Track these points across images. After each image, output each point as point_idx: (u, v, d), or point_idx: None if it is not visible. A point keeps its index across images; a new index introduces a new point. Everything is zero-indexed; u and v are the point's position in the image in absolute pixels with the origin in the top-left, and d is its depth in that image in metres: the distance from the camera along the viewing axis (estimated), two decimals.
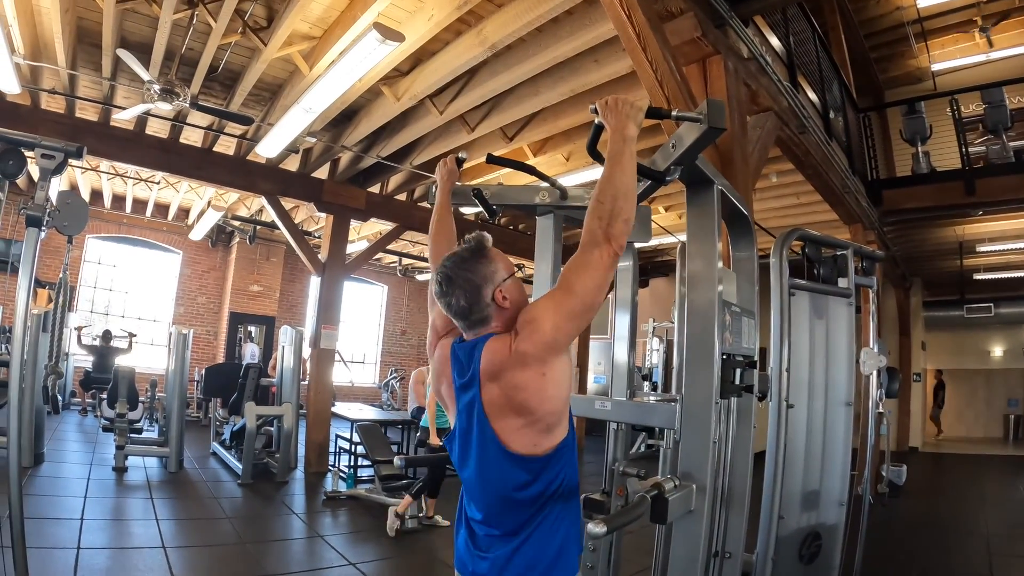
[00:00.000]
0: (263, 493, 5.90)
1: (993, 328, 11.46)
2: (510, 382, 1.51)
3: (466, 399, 1.60)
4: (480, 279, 1.57)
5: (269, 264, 12.07)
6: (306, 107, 4.79)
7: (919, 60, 8.87)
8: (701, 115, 1.70)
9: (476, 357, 1.56)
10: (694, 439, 2.03)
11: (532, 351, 1.49)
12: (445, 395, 1.72)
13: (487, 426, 1.55)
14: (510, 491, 1.56)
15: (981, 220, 7.56)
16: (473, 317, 1.58)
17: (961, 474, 8.36)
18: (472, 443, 1.61)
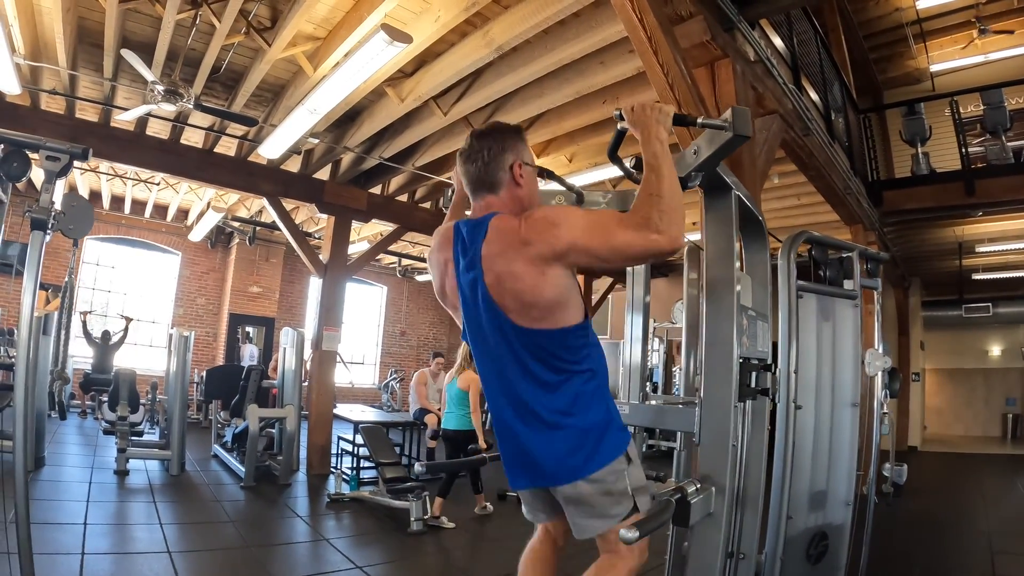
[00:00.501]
0: (266, 496, 5.87)
1: (991, 328, 11.54)
2: (509, 267, 1.55)
3: (470, 277, 1.63)
4: (507, 145, 1.68)
5: (268, 265, 12.04)
6: (311, 108, 4.78)
7: (918, 61, 8.92)
8: (726, 123, 1.70)
9: (482, 231, 1.60)
10: (713, 442, 2.04)
11: (539, 247, 1.52)
12: (450, 289, 1.75)
13: (491, 302, 1.59)
14: (526, 363, 1.60)
15: (981, 220, 7.61)
16: (488, 176, 1.66)
17: (961, 473, 8.40)
18: (481, 320, 1.64)
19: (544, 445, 1.61)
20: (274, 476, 6.47)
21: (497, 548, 4.86)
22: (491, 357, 1.67)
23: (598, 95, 5.51)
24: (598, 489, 1.62)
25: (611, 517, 1.65)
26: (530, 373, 1.60)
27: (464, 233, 1.67)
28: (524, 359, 1.60)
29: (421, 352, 15.32)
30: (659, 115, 1.66)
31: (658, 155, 1.58)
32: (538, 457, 1.62)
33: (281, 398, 7.08)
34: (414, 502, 5.03)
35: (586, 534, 1.70)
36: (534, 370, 1.60)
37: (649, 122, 1.65)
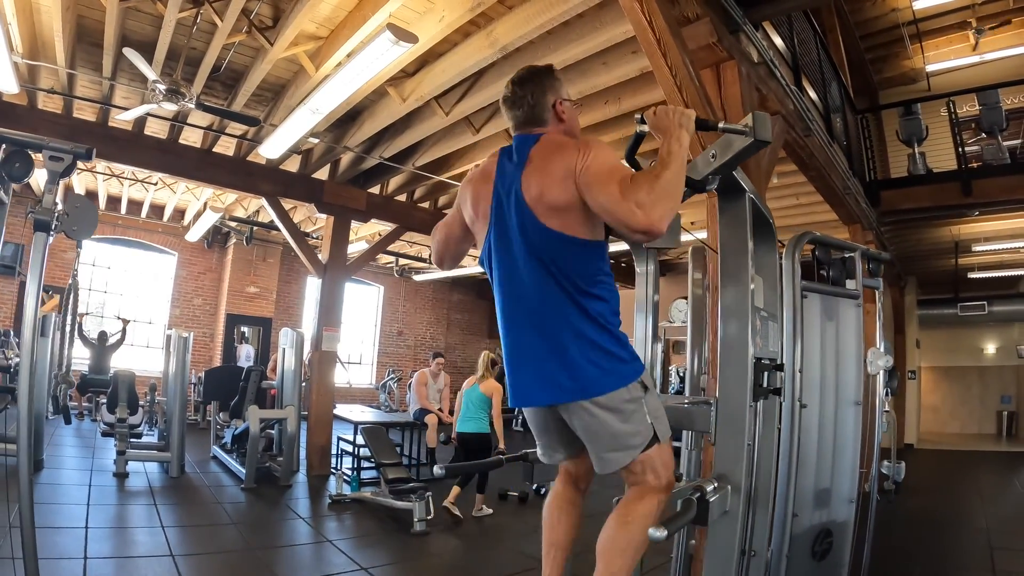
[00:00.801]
0: (267, 497, 5.85)
1: (986, 326, 11.64)
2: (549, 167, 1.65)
3: (507, 181, 1.74)
4: (547, 85, 1.82)
5: (266, 265, 11.99)
6: (313, 108, 4.76)
7: (914, 61, 8.97)
8: (747, 128, 1.71)
9: (531, 140, 1.74)
10: (729, 441, 2.05)
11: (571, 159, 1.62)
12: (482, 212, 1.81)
13: (523, 203, 1.67)
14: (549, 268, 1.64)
15: (977, 220, 7.67)
16: (534, 112, 1.79)
17: (958, 470, 8.45)
18: (510, 229, 1.71)
19: (560, 356, 1.64)
20: (274, 477, 6.44)
21: (501, 548, 4.87)
22: (515, 270, 1.71)
23: (600, 95, 5.52)
24: (617, 418, 1.64)
25: (633, 448, 1.68)
26: (552, 283, 1.65)
27: (514, 147, 1.78)
28: (548, 268, 1.65)
29: (418, 352, 15.29)
30: (681, 119, 1.69)
31: (672, 153, 1.62)
32: (554, 369, 1.64)
33: (280, 399, 7.06)
34: (417, 503, 5.03)
35: (609, 467, 1.72)
36: (557, 280, 1.65)
37: (671, 126, 1.67)
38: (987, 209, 6.75)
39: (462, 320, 16.35)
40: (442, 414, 7.63)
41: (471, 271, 13.10)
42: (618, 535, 1.72)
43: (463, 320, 16.37)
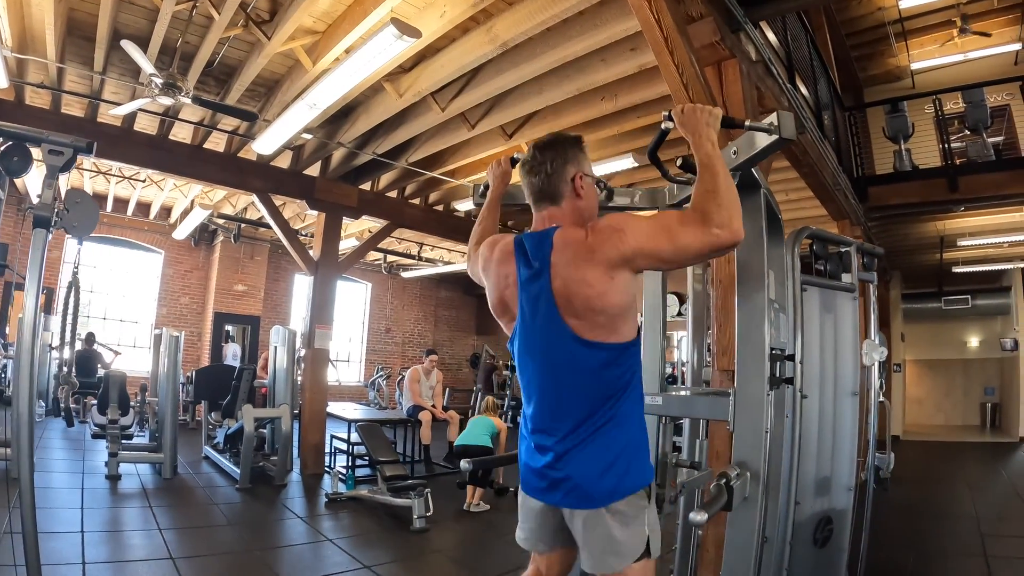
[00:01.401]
0: (263, 497, 5.80)
1: (970, 319, 11.82)
2: (578, 275, 1.57)
3: (533, 290, 1.65)
4: (568, 157, 1.71)
5: (253, 263, 11.85)
6: (310, 103, 4.72)
7: (899, 59, 9.11)
8: (773, 126, 1.77)
9: (547, 244, 1.64)
10: (748, 429, 2.11)
11: (608, 253, 1.55)
12: (509, 298, 1.74)
13: (556, 314, 1.60)
14: (582, 379, 1.60)
15: (962, 215, 7.80)
16: (550, 187, 1.70)
17: (945, 461, 8.59)
18: (539, 335, 1.65)
19: (583, 461, 1.60)
20: (269, 477, 6.39)
21: (503, 543, 4.87)
22: (541, 370, 1.67)
23: (597, 92, 5.53)
24: (619, 522, 1.59)
25: (626, 556, 1.61)
26: (582, 388, 1.60)
27: (528, 246, 1.69)
28: (579, 373, 1.60)
29: (407, 349, 15.25)
30: (709, 117, 1.70)
31: (711, 155, 1.62)
32: (574, 472, 1.60)
33: (272, 397, 6.99)
34: (416, 500, 5.03)
35: (598, 569, 1.65)
36: (586, 385, 1.60)
37: (700, 124, 1.69)
38: (973, 205, 6.88)
39: (450, 317, 16.33)
40: (435, 410, 7.63)
41: (458, 268, 13.13)
42: None
43: (451, 317, 16.35)
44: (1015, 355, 10.69)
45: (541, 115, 6.16)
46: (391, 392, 13.47)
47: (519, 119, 6.30)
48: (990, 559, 4.30)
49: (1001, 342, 11.00)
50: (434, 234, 9.61)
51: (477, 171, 7.66)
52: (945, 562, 4.31)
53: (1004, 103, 7.58)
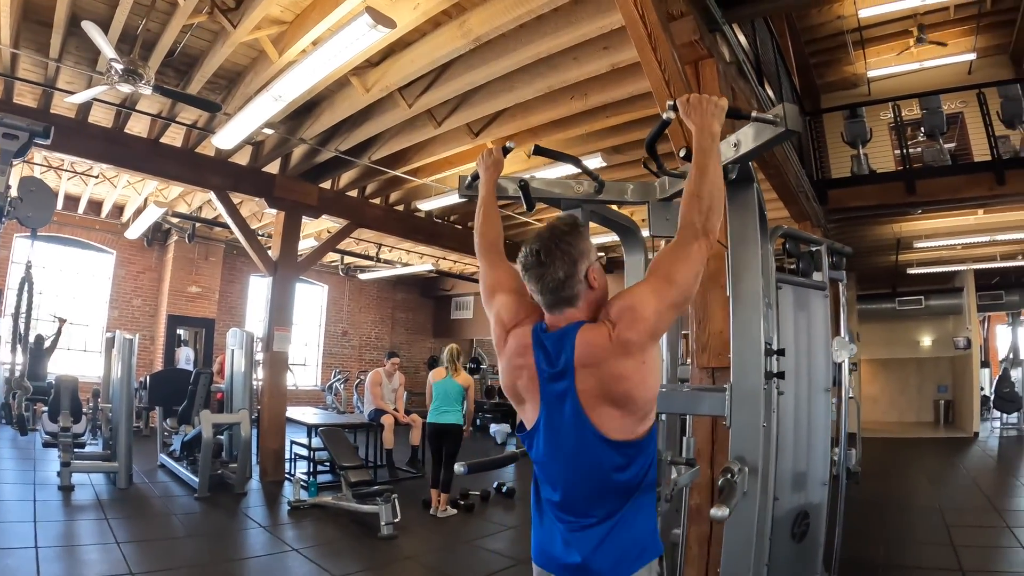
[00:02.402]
0: (223, 507, 5.57)
1: (923, 319, 12.21)
2: (611, 371, 1.50)
3: (557, 389, 1.57)
4: (577, 253, 1.58)
5: (208, 264, 11.44)
6: (276, 95, 4.54)
7: (856, 67, 9.37)
8: (779, 118, 1.74)
9: (568, 346, 1.55)
10: (745, 424, 2.08)
11: (636, 339, 1.49)
12: (523, 388, 1.66)
13: (583, 415, 1.53)
14: (606, 476, 1.55)
15: (919, 218, 8.04)
16: (565, 292, 1.57)
17: (903, 456, 8.86)
18: (563, 434, 1.58)
19: (602, 552, 1.56)
20: (228, 485, 6.15)
21: (471, 548, 4.80)
22: (567, 467, 1.61)
23: (567, 91, 5.49)
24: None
25: None
26: (607, 485, 1.56)
27: (548, 345, 1.60)
28: (604, 471, 1.56)
29: (363, 352, 15.00)
30: (715, 108, 1.68)
31: (708, 151, 1.61)
32: (592, 562, 1.56)
33: (230, 402, 6.72)
34: (383, 506, 4.90)
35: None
36: (611, 481, 1.56)
37: (705, 115, 1.66)
38: (930, 208, 7.09)
39: (406, 319, 16.13)
40: (398, 414, 7.49)
41: (416, 269, 13.00)
42: None
43: (407, 319, 16.15)
44: (968, 354, 11.15)
45: (509, 113, 6.10)
46: (349, 396, 13.31)
47: (486, 117, 6.23)
48: (957, 548, 4.43)
49: (954, 341, 11.44)
50: (395, 234, 9.43)
51: (441, 170, 7.56)
52: (915, 552, 4.42)
53: (958, 111, 7.86)
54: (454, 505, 5.75)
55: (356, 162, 6.97)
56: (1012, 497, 6.22)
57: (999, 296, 11.76)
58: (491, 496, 6.25)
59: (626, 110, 5.66)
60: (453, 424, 5.68)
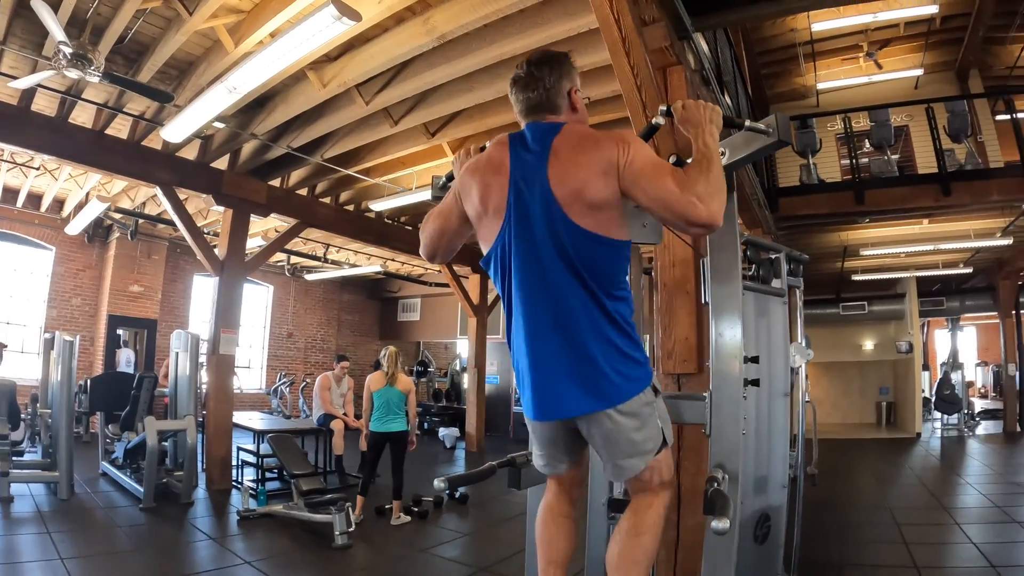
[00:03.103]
0: (170, 517, 5.30)
1: (866, 324, 12.70)
2: (576, 159, 1.57)
3: (528, 174, 1.62)
4: (563, 72, 1.71)
5: (150, 262, 10.91)
6: (231, 86, 4.34)
7: (806, 78, 9.64)
8: (771, 128, 1.80)
9: (554, 131, 1.63)
10: (726, 432, 2.10)
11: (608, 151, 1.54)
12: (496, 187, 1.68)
13: (551, 199, 1.57)
14: (578, 268, 1.56)
15: (865, 227, 8.33)
16: (548, 96, 1.68)
17: (849, 457, 9.10)
18: (537, 235, 1.59)
19: (590, 364, 1.56)
20: (174, 495, 5.86)
21: (429, 556, 4.71)
22: (539, 272, 1.60)
23: None
24: (634, 424, 1.60)
25: (648, 453, 1.65)
26: (580, 287, 1.57)
27: (528, 135, 1.67)
28: (577, 270, 1.56)
29: (309, 355, 14.64)
30: (712, 115, 1.70)
31: (710, 148, 1.63)
32: (584, 378, 1.57)
33: (174, 407, 6.41)
34: (337, 515, 4.74)
35: (625, 475, 1.68)
36: (585, 283, 1.57)
37: (702, 120, 1.68)
38: (878, 217, 7.35)
39: (352, 321, 15.82)
40: (347, 419, 7.32)
41: (364, 270, 12.77)
42: (632, 547, 1.68)
43: (353, 321, 15.84)
44: (910, 357, 11.61)
45: (467, 114, 6.03)
46: (294, 400, 13.05)
47: (443, 117, 6.15)
48: (910, 545, 4.58)
49: (896, 345, 11.95)
50: (344, 234, 9.20)
51: (395, 170, 7.44)
52: (869, 550, 4.51)
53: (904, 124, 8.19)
54: (406, 511, 5.64)
55: (308, 160, 6.77)
56: (957, 495, 6.47)
57: (940, 302, 12.34)
58: (444, 502, 6.14)
59: None
60: (399, 432, 5.55)
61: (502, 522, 5.68)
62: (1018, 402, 11.29)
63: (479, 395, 10.60)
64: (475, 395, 10.58)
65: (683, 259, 3.54)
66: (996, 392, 16.31)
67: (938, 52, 9.14)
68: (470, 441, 10.45)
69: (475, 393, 10.58)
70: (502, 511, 6.05)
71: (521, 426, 11.58)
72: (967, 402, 11.79)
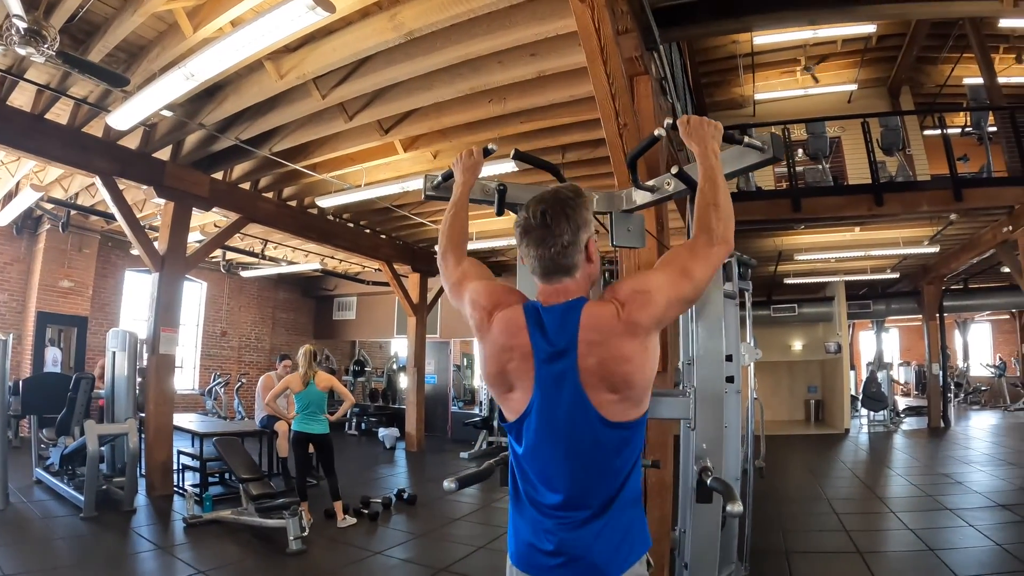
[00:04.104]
0: (112, 526, 5.04)
1: (795, 325, 13.23)
2: (614, 352, 1.47)
3: (555, 369, 1.51)
4: (582, 221, 1.54)
5: (82, 256, 10.23)
6: (188, 73, 4.14)
7: (744, 89, 10.04)
8: (766, 145, 1.88)
9: (573, 321, 1.51)
10: (709, 427, 2.18)
11: (645, 322, 1.48)
12: (513, 371, 1.58)
13: (582, 394, 1.49)
14: (604, 461, 1.53)
15: (800, 233, 8.76)
16: (566, 260, 1.53)
17: (784, 452, 9.45)
18: (560, 417, 1.52)
19: (601, 540, 1.53)
20: (114, 502, 5.57)
21: (383, 557, 4.67)
22: (566, 453, 1.55)
23: (486, 94, 5.48)
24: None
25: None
26: (605, 470, 1.54)
27: (547, 321, 1.55)
28: (602, 455, 1.53)
29: (243, 353, 14.16)
30: (714, 131, 1.75)
31: (715, 167, 1.67)
32: (591, 551, 1.52)
33: (111, 410, 6.09)
34: (290, 519, 4.64)
35: None
36: (609, 466, 1.53)
37: (706, 136, 1.73)
38: (813, 224, 7.75)
39: (287, 319, 15.39)
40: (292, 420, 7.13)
41: (301, 268, 12.51)
42: None
43: (288, 319, 15.42)
44: (838, 357, 12.18)
45: (423, 112, 6.00)
46: (229, 400, 12.63)
47: (398, 115, 6.09)
48: (850, 532, 4.86)
49: (825, 346, 12.55)
50: (286, 231, 8.93)
51: (343, 166, 7.32)
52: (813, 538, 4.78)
53: (836, 135, 8.67)
54: (356, 514, 5.56)
55: (256, 153, 6.57)
56: (889, 485, 6.89)
57: (867, 305, 12.97)
58: (393, 503, 6.07)
59: (540, 118, 5.74)
60: (321, 434, 5.45)
61: (452, 522, 5.68)
62: (941, 399, 11.98)
63: (419, 395, 10.50)
64: (415, 395, 10.47)
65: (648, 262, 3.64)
66: (918, 390, 17.41)
67: (872, 69, 9.73)
68: (410, 441, 10.32)
69: (415, 393, 10.48)
70: (451, 511, 6.05)
71: (460, 426, 11.68)
72: (892, 399, 12.42)
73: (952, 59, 9.28)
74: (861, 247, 9.57)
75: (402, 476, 8.13)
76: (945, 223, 7.72)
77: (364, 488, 5.95)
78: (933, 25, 8.24)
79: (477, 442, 9.86)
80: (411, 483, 7.45)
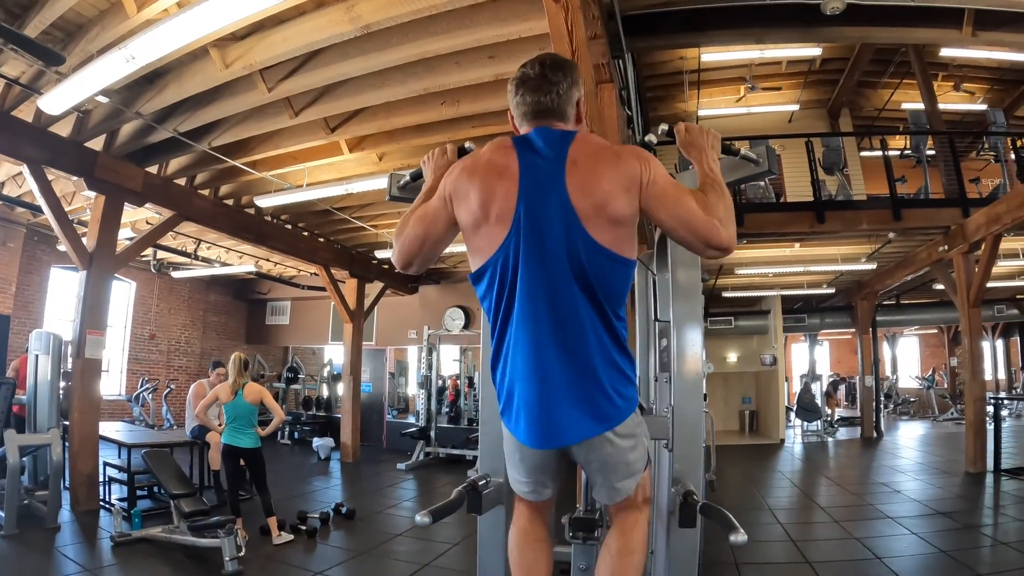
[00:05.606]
0: (36, 546, 4.65)
1: (731, 337, 13.55)
2: (597, 171, 1.50)
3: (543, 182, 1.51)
4: (574, 79, 1.63)
5: (5, 250, 9.45)
6: (130, 55, 3.86)
7: (688, 104, 10.26)
8: (761, 159, 1.92)
9: (568, 139, 1.55)
10: (687, 447, 2.14)
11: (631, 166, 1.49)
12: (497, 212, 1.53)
13: (570, 209, 1.48)
14: (597, 291, 1.50)
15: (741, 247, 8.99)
16: (559, 108, 1.60)
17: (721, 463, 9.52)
18: (549, 246, 1.49)
19: (595, 386, 1.50)
20: (37, 518, 5.16)
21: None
22: (548, 288, 1.50)
23: (438, 96, 5.39)
24: (629, 444, 1.58)
25: (639, 472, 1.65)
26: (590, 305, 1.50)
27: (538, 141, 1.57)
28: (590, 288, 1.50)
29: (172, 358, 13.50)
30: (713, 140, 1.75)
31: (718, 174, 1.66)
32: (588, 401, 1.50)
33: (32, 418, 5.61)
34: (225, 539, 4.35)
35: (619, 497, 1.65)
36: (596, 302, 1.51)
37: (705, 146, 1.73)
38: (755, 239, 7.95)
39: (218, 323, 14.79)
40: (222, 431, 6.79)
41: (236, 270, 12.02)
42: (624, 567, 1.66)
43: (219, 323, 14.82)
44: (774, 369, 12.51)
45: (372, 112, 5.86)
46: (157, 407, 12.08)
47: (346, 113, 5.93)
48: (797, 543, 4.96)
49: (761, 358, 12.89)
50: (221, 230, 8.48)
51: (284, 165, 7.08)
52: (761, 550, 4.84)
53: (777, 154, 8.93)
54: (293, 530, 5.32)
55: (194, 146, 6.25)
56: (829, 495, 7.09)
57: (802, 319, 13.38)
58: (331, 518, 5.82)
59: (494, 122, 5.65)
60: (251, 448, 5.18)
61: (394, 537, 5.45)
62: (874, 410, 12.48)
63: (355, 403, 10.20)
64: (350, 403, 10.16)
65: None
66: (848, 401, 18.21)
67: (814, 90, 10.14)
68: (345, 451, 10.01)
69: (350, 401, 10.17)
70: (391, 526, 5.84)
71: (395, 436, 11.43)
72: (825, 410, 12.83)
73: (892, 84, 9.74)
74: (801, 263, 9.87)
75: (338, 489, 7.85)
76: (883, 241, 8.06)
77: (299, 502, 5.66)
78: (877, 51, 8.63)
79: (415, 453, 9.65)
80: (348, 496, 7.17)
